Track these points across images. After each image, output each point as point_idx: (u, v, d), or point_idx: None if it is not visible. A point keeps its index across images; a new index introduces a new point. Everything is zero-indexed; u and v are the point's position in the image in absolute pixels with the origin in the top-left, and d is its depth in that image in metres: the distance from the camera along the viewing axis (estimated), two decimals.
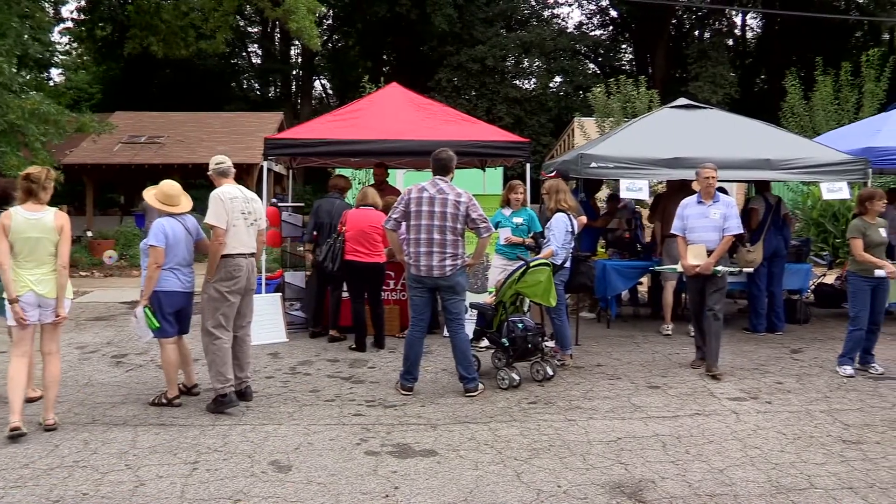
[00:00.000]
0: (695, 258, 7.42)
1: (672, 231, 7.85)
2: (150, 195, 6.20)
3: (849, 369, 7.44)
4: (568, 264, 7.73)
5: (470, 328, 7.18)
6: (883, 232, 7.44)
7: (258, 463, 4.95)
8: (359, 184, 14.26)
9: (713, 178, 7.47)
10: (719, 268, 7.37)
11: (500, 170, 13.43)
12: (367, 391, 6.75)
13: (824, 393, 6.79)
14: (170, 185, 6.22)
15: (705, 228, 7.49)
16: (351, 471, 4.83)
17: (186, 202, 6.28)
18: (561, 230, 7.55)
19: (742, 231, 7.80)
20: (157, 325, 5.99)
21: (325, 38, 42.78)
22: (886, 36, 37.66)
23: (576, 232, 7.78)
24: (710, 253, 7.38)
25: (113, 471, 4.78)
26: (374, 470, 4.85)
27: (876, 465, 4.98)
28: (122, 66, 33.47)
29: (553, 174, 8.90)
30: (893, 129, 10.07)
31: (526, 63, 39.79)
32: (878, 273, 7.21)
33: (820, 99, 20.80)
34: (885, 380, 7.27)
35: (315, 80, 45.25)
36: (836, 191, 9.18)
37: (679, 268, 7.80)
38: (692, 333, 9.27)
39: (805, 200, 18.53)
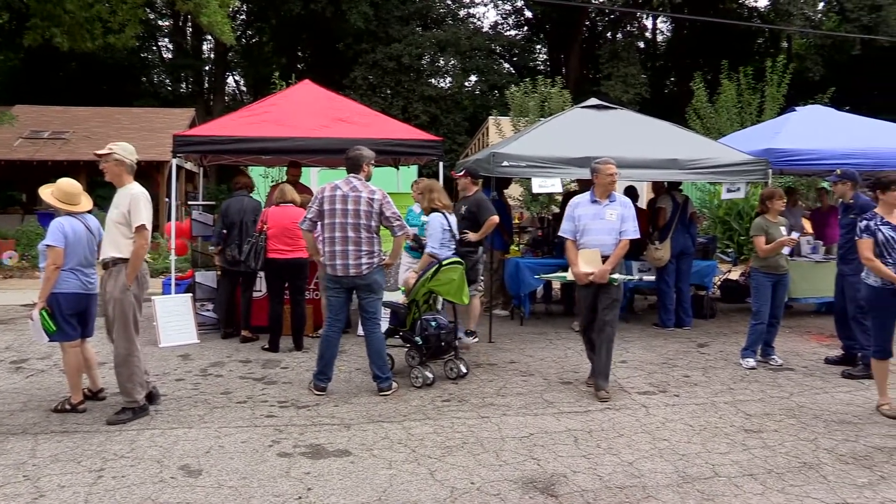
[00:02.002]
0: (588, 264, 6.55)
1: (560, 234, 6.93)
2: (47, 193, 5.94)
3: (751, 361, 7.74)
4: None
5: (383, 327, 7.16)
6: (783, 230, 7.76)
7: (167, 468, 4.82)
8: (271, 181, 14.03)
9: (616, 174, 6.72)
10: (616, 276, 6.60)
11: (414, 168, 13.42)
12: (279, 392, 6.65)
13: (728, 385, 7.04)
14: (69, 184, 5.97)
15: (600, 231, 6.59)
16: (263, 473, 4.75)
17: (87, 202, 6.05)
18: (437, 230, 7.54)
19: (639, 236, 6.95)
20: (54, 328, 5.76)
21: (239, 33, 41.92)
22: (785, 44, 39.38)
23: (454, 229, 7.75)
24: (605, 259, 6.55)
25: (9, 483, 4.57)
26: (287, 472, 4.79)
27: (774, 452, 5.19)
28: (23, 57, 32.05)
29: (462, 174, 8.94)
30: (792, 131, 10.48)
31: (442, 62, 39.88)
32: (784, 251, 7.62)
33: (724, 101, 21.55)
34: (783, 371, 7.60)
35: (228, 76, 44.32)
36: (734, 191, 9.54)
37: (569, 276, 6.82)
38: (577, 328, 9.44)
39: (712, 199, 19.16)
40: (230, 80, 46.07)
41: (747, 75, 21.71)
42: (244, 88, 47.25)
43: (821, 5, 34.99)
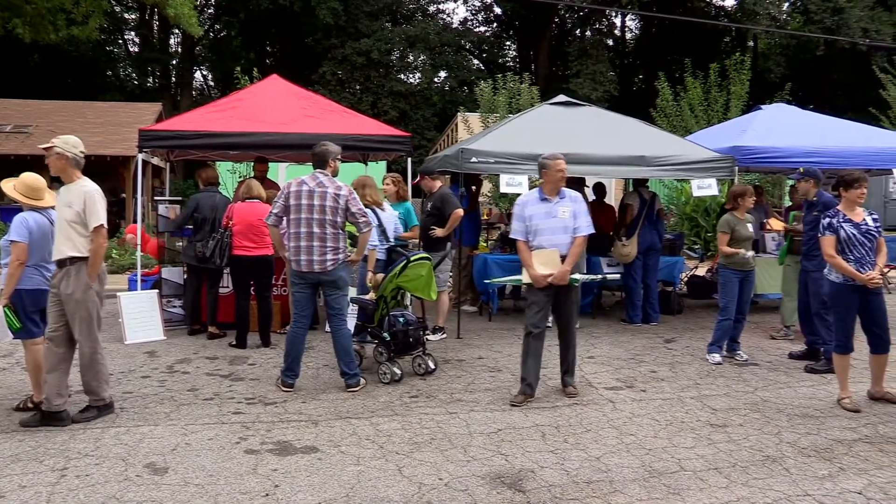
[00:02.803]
0: (544, 266, 6.16)
1: (511, 235, 6.54)
2: (9, 187, 5.80)
3: (717, 357, 7.82)
4: (383, 256, 7.61)
5: (351, 323, 7.13)
6: (750, 227, 7.86)
7: (132, 466, 4.76)
8: (239, 177, 13.92)
9: (565, 170, 6.32)
10: (577, 276, 6.27)
11: (382, 164, 13.40)
12: (247, 388, 6.61)
13: (695, 380, 7.12)
14: (34, 178, 5.85)
15: (554, 230, 6.23)
16: (230, 470, 4.72)
17: (50, 197, 5.93)
18: None
19: (593, 231, 6.51)
20: (19, 325, 5.64)
21: (207, 27, 41.51)
22: (751, 43, 39.92)
23: (385, 225, 7.71)
24: (563, 259, 6.23)
25: None
26: (254, 469, 4.75)
27: (738, 446, 5.26)
28: None
29: (419, 178, 8.97)
30: (758, 129, 10.60)
31: (411, 57, 39.83)
32: (748, 255, 7.69)
33: (690, 99, 21.78)
34: (748, 366, 7.69)
35: (196, 70, 43.89)
36: (705, 187, 9.61)
37: (525, 278, 6.35)
38: (546, 324, 9.39)
39: (679, 196, 19.32)
40: (198, 74, 45.65)
41: (714, 73, 21.94)
42: (212, 83, 46.81)
43: (786, 6, 35.53)
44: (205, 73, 47.15)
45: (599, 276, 7.37)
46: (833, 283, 6.30)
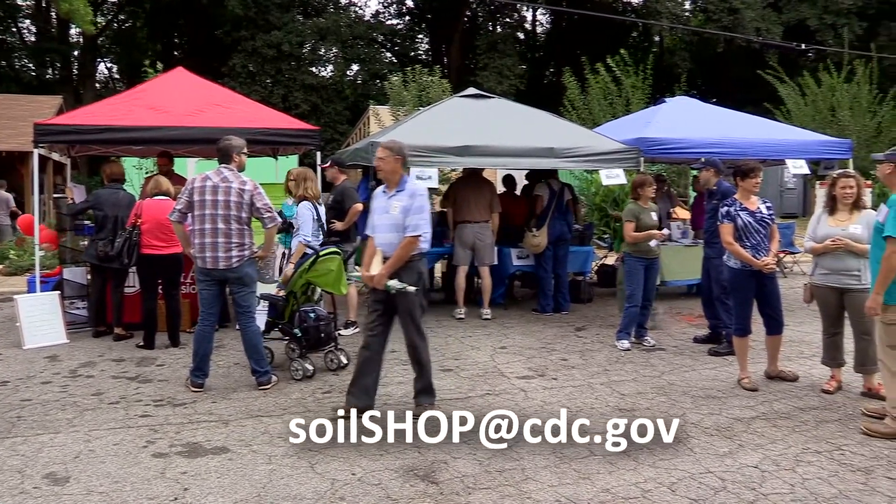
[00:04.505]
0: (379, 266, 5.59)
1: (367, 231, 5.88)
2: None
3: (626, 343, 8.03)
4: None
5: (262, 320, 7.02)
6: (654, 215, 8.08)
7: (30, 478, 4.57)
8: (146, 173, 13.52)
9: (383, 158, 5.62)
10: (392, 283, 5.45)
11: (293, 158, 13.21)
12: (155, 390, 6.44)
13: (604, 366, 7.29)
14: None
15: (384, 227, 5.58)
16: (137, 475, 4.59)
17: None
18: (308, 220, 7.50)
19: (429, 230, 5.63)
20: None
21: (110, 16, 40.16)
22: (657, 38, 41.10)
23: (322, 219, 7.75)
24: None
25: None
26: (163, 472, 4.64)
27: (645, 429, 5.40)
28: None
29: (328, 165, 8.91)
30: (661, 122, 10.86)
31: (323, 50, 39.41)
32: (652, 244, 7.85)
33: (596, 93, 22.26)
34: (655, 351, 7.92)
35: (99, 62, 42.35)
36: (613, 177, 9.80)
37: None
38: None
39: (588, 187, 19.68)
40: (102, 66, 44.09)
41: (613, 67, 22.47)
42: (117, 76, 45.26)
43: (687, 4, 36.84)
44: (109, 64, 45.59)
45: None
46: (732, 269, 6.55)
